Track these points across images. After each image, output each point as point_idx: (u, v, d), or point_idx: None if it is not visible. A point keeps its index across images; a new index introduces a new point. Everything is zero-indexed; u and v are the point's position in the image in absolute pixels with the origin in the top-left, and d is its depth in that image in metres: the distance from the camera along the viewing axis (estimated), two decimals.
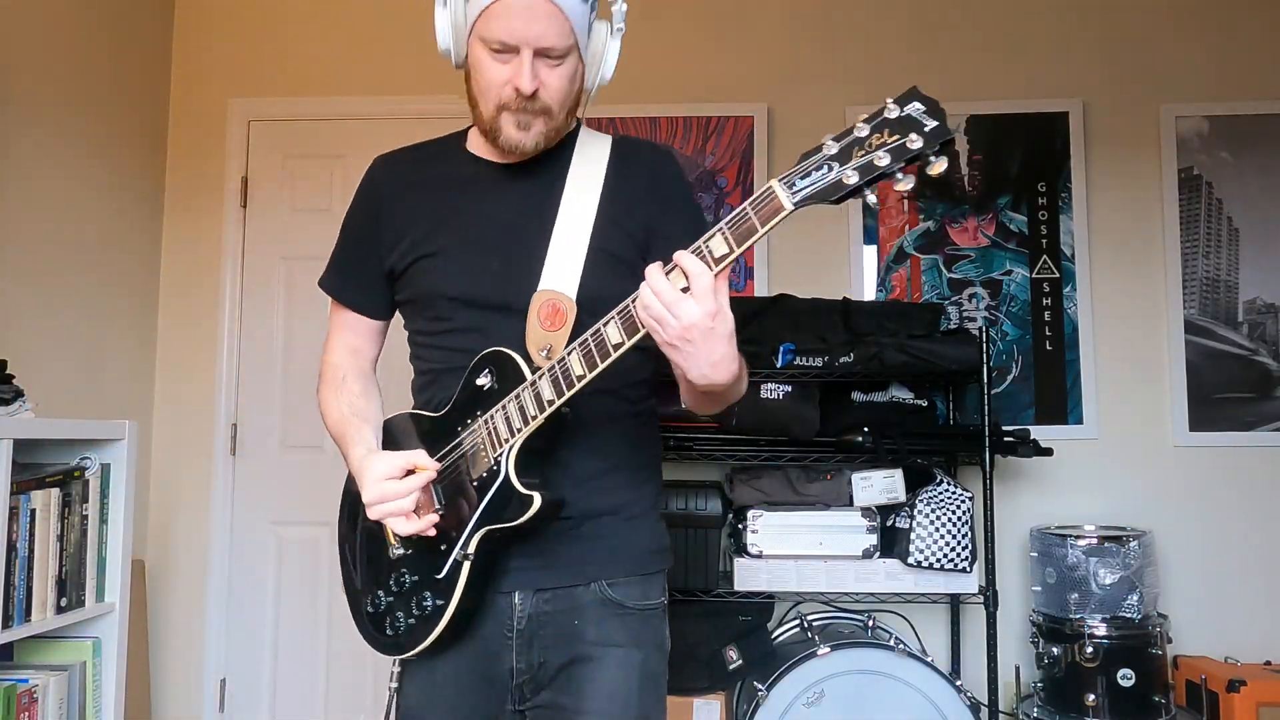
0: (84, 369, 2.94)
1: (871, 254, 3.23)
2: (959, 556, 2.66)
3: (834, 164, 1.01)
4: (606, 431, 1.34)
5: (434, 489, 1.29)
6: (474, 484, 1.26)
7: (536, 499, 1.21)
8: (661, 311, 1.07)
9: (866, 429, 2.71)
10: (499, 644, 1.31)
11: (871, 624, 2.69)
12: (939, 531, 2.66)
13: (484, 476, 1.25)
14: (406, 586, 1.30)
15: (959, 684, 2.46)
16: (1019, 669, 2.88)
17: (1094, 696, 2.60)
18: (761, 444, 2.78)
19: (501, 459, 1.23)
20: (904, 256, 3.21)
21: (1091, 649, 2.61)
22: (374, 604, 1.34)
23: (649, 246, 1.34)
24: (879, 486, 2.74)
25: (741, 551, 2.74)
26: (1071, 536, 2.72)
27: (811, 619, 2.84)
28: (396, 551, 1.31)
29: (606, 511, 1.33)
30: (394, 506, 1.24)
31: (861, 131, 1.00)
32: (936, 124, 0.97)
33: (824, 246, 3.21)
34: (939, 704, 2.43)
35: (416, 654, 1.29)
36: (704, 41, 3.33)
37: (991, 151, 3.21)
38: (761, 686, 2.47)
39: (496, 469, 1.24)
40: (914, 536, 2.66)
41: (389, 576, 1.32)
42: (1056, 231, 3.17)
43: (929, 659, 2.55)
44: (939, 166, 0.99)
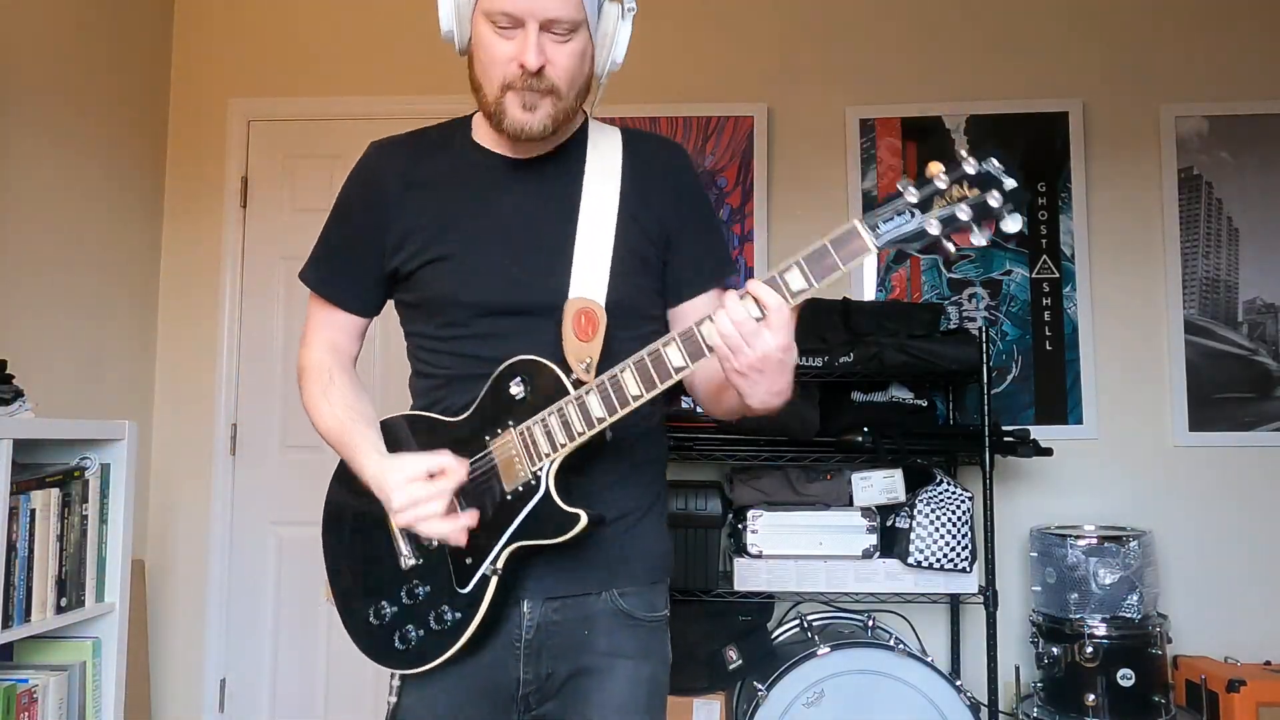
0: (84, 369, 2.94)
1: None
2: (959, 556, 2.66)
3: (915, 211, 1.05)
4: (618, 439, 1.30)
5: (456, 498, 1.22)
6: (507, 496, 1.21)
7: (583, 518, 1.17)
8: (738, 341, 1.07)
9: (866, 429, 2.72)
10: (506, 654, 1.27)
11: (871, 624, 2.69)
12: (939, 531, 2.66)
13: (520, 490, 1.20)
14: (420, 599, 1.25)
15: (959, 684, 2.46)
16: (1019, 669, 2.88)
17: (1094, 696, 2.60)
18: (761, 444, 2.77)
19: (542, 474, 1.19)
20: (904, 256, 3.20)
21: (1091, 649, 2.61)
22: (378, 615, 1.28)
23: (666, 246, 1.32)
24: (879, 486, 2.74)
25: (741, 551, 2.74)
26: (1071, 536, 2.72)
27: (811, 619, 2.84)
28: (409, 562, 1.26)
29: (616, 519, 1.30)
30: (427, 510, 1.18)
31: (941, 183, 1.05)
32: (1015, 184, 1.03)
33: None
34: (939, 704, 2.42)
35: (432, 667, 1.24)
36: (704, 41, 3.33)
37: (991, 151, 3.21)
38: (761, 686, 2.47)
39: (535, 484, 1.19)
40: (914, 536, 2.66)
41: (398, 588, 1.27)
42: (1056, 231, 3.17)
43: (929, 659, 2.55)
44: (1015, 224, 1.04)
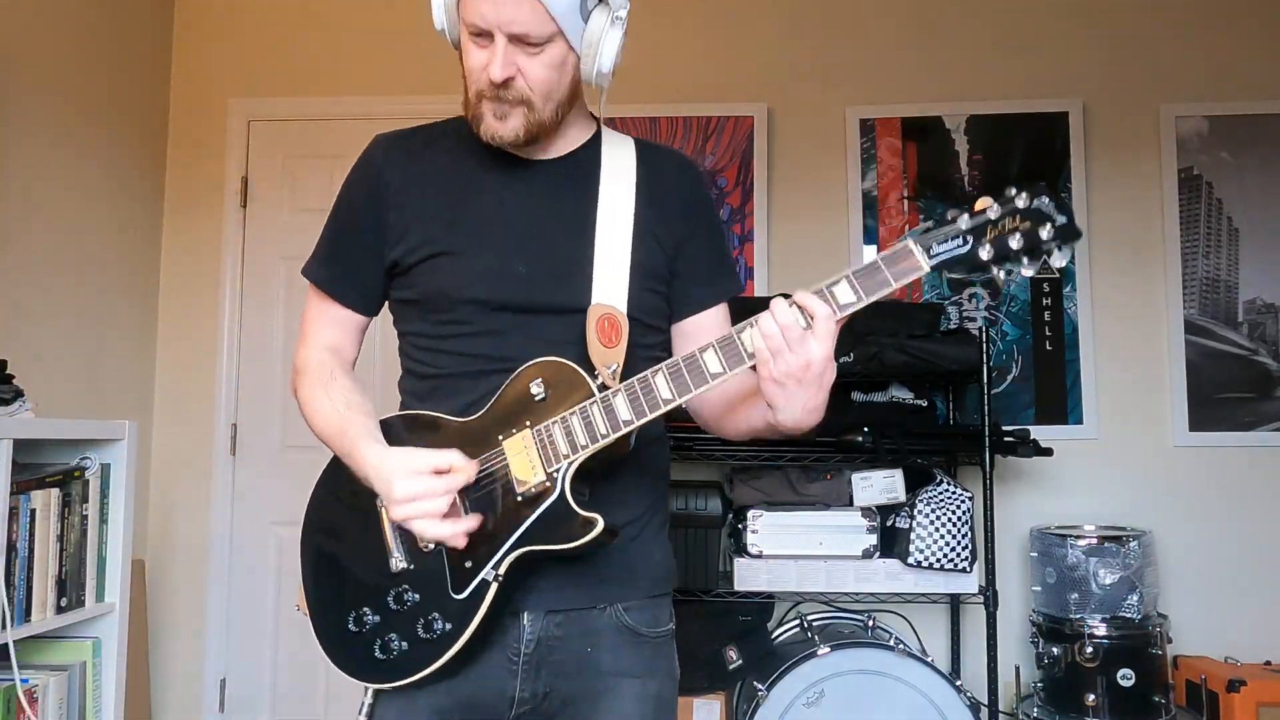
0: (84, 369, 2.94)
1: (871, 254, 3.22)
2: (959, 556, 2.66)
3: (968, 238, 1.08)
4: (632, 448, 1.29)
5: (460, 499, 1.15)
6: (517, 499, 1.15)
7: (599, 523, 1.11)
8: (781, 343, 1.07)
9: (866, 429, 2.71)
10: (501, 669, 1.19)
11: (871, 624, 2.69)
12: (939, 531, 2.66)
13: (531, 493, 1.14)
14: (408, 605, 1.17)
15: (959, 684, 2.45)
16: (1019, 669, 2.88)
17: (1094, 696, 2.59)
18: (761, 444, 2.76)
19: (558, 475, 1.13)
20: None
21: (1091, 649, 2.60)
22: (357, 622, 1.19)
23: (675, 259, 1.31)
24: (879, 486, 2.74)
25: (741, 551, 2.74)
26: (1071, 536, 2.72)
27: (811, 619, 2.84)
28: (400, 565, 1.17)
29: (622, 527, 1.24)
30: (429, 506, 1.11)
31: (993, 214, 1.07)
32: (1065, 220, 1.05)
33: (824, 246, 3.22)
34: (939, 704, 2.42)
35: (412, 681, 1.17)
36: (704, 41, 3.33)
37: (991, 151, 3.21)
38: (761, 686, 2.47)
39: (550, 485, 1.13)
40: (914, 536, 2.66)
41: (385, 593, 1.18)
42: None
43: (929, 659, 2.55)
44: (1062, 260, 1.06)
